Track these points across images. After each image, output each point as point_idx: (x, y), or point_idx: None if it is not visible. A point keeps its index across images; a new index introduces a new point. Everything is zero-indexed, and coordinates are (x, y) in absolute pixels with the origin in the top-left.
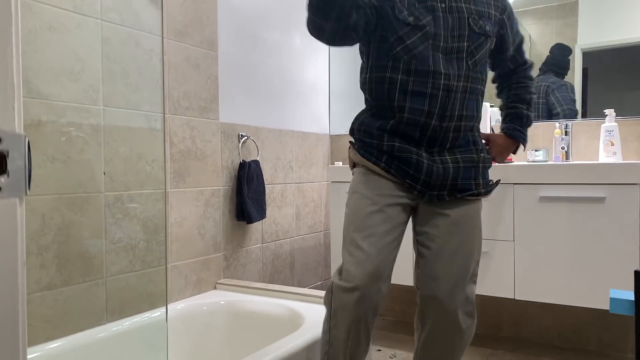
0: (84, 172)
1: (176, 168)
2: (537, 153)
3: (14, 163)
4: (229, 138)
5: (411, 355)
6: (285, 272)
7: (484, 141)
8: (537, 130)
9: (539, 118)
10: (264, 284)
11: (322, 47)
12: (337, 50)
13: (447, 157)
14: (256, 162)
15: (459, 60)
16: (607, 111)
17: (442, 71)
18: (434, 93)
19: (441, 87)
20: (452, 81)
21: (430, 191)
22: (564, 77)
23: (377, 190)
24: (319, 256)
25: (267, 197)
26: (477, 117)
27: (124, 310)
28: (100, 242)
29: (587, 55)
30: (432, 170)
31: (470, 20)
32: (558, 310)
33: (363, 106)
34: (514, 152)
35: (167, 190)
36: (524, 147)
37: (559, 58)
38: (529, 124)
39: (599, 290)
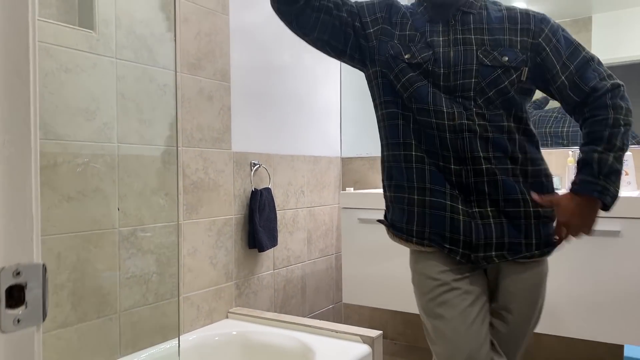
0: (99, 209)
1: (189, 200)
2: None
3: (32, 293)
4: (241, 167)
5: None
6: (296, 297)
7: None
8: (550, 157)
9: (550, 144)
10: (275, 314)
11: (334, 70)
12: (348, 72)
13: (489, 210)
14: (268, 190)
15: (466, 99)
16: None
17: (445, 110)
18: (441, 135)
19: (446, 128)
20: (458, 120)
21: (475, 253)
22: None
23: (434, 268)
24: (330, 279)
25: (278, 223)
26: (517, 158)
27: (137, 344)
28: (114, 277)
29: None
30: (470, 228)
31: (479, 53)
32: (573, 342)
33: (376, 128)
34: (594, 214)
35: (179, 222)
36: (605, 205)
37: None
38: (605, 171)
39: (614, 325)
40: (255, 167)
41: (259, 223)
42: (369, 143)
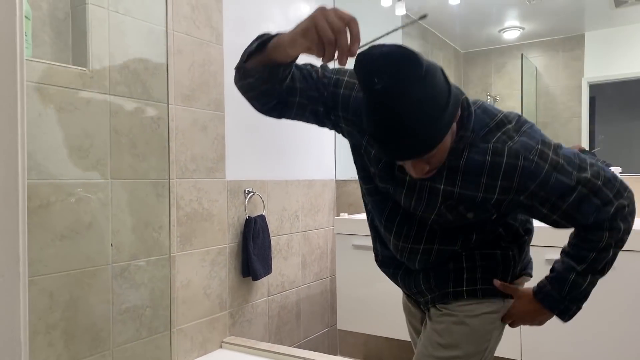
0: (92, 246)
1: (182, 231)
2: None
3: None
4: (235, 195)
5: None
6: (291, 323)
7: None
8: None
9: None
10: (269, 344)
11: None
12: None
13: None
14: (262, 217)
15: (422, 225)
16: (612, 169)
17: (385, 225)
18: (388, 241)
19: (390, 241)
20: (406, 243)
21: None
22: None
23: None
24: (325, 302)
25: (273, 249)
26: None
27: None
28: (107, 314)
29: (594, 88)
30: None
31: (442, 207)
32: None
33: None
34: (545, 319)
35: (172, 255)
36: (562, 319)
37: None
38: (574, 294)
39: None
40: (249, 195)
41: (253, 251)
42: None
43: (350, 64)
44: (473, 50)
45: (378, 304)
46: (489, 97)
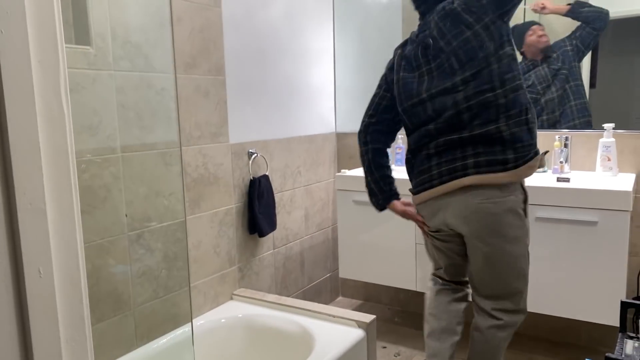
0: (108, 218)
1: (191, 196)
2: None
3: None
4: (239, 157)
5: (415, 352)
6: (296, 272)
7: None
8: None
9: (542, 125)
10: (276, 296)
11: (327, 46)
12: (342, 47)
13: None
14: (266, 177)
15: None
16: (605, 126)
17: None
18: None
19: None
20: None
21: None
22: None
23: None
24: (327, 250)
25: (277, 205)
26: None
27: (151, 334)
28: (126, 278)
29: None
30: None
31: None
32: (553, 319)
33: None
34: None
35: (185, 219)
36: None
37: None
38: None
39: (590, 305)
40: (253, 156)
41: (258, 210)
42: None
43: None
44: None
45: (377, 255)
46: None
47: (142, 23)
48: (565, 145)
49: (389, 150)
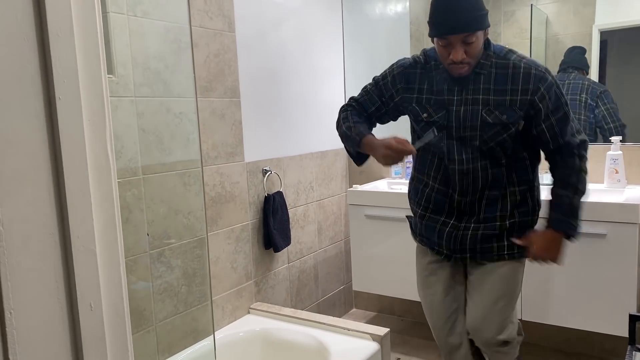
0: (131, 237)
1: (209, 214)
2: (544, 176)
3: None
4: (254, 174)
5: None
6: (310, 285)
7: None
8: None
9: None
10: (292, 310)
11: (337, 63)
12: (352, 64)
13: (472, 226)
14: (280, 194)
15: (473, 146)
16: (613, 139)
17: (455, 157)
18: (451, 175)
19: (456, 171)
20: (465, 165)
21: (454, 254)
22: (585, 73)
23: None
24: (340, 263)
25: (290, 220)
26: (504, 185)
27: (172, 348)
28: (148, 296)
29: (605, 35)
30: (450, 238)
31: (483, 112)
32: (563, 330)
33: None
34: (560, 246)
35: (203, 236)
36: (573, 237)
37: (576, 58)
38: (575, 211)
39: (601, 316)
40: (267, 174)
41: (273, 226)
42: (374, 132)
43: None
44: None
45: (390, 267)
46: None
47: (160, 50)
48: None
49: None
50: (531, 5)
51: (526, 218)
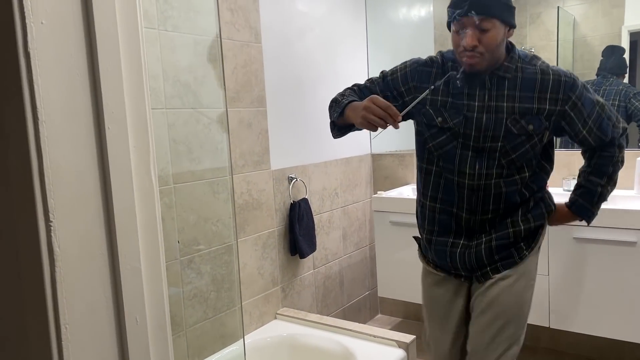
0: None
1: (237, 221)
2: (573, 182)
3: None
4: (280, 182)
5: None
6: (335, 290)
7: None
8: (574, 157)
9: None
10: (318, 316)
11: (361, 69)
12: (374, 69)
13: (484, 239)
14: (305, 200)
15: (491, 159)
16: None
17: (467, 171)
18: (457, 191)
19: (465, 185)
20: (477, 181)
21: (474, 273)
22: (624, 77)
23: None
24: (365, 269)
25: (316, 226)
26: (517, 206)
27: (202, 353)
28: (179, 301)
29: (635, 36)
30: (463, 258)
31: (508, 122)
32: (591, 338)
33: (406, 125)
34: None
35: (232, 243)
36: (588, 223)
37: (618, 63)
38: (602, 201)
39: (631, 324)
40: (293, 181)
41: (298, 232)
42: (398, 139)
43: None
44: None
45: (415, 274)
46: (523, 49)
47: (190, 63)
48: None
49: None
50: (558, 7)
51: (539, 222)
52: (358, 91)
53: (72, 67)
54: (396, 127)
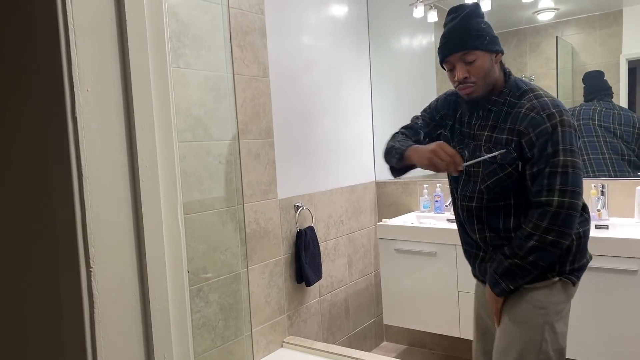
0: None
1: (245, 250)
2: None
3: None
4: (287, 210)
5: None
6: (341, 318)
7: None
8: None
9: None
10: (324, 344)
11: (365, 99)
12: (379, 99)
13: (487, 257)
14: (311, 229)
15: (475, 183)
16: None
17: (463, 193)
18: (462, 209)
19: (459, 205)
20: (467, 202)
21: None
22: (611, 97)
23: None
24: (370, 295)
25: (321, 254)
26: (504, 231)
27: None
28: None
29: (633, 63)
30: (480, 269)
31: (484, 150)
32: None
33: None
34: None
35: (240, 272)
36: (498, 294)
37: (599, 84)
38: (499, 271)
39: (632, 354)
40: (299, 210)
41: (305, 260)
42: None
43: None
44: (506, 30)
45: (420, 302)
46: (523, 78)
47: (201, 97)
48: (602, 194)
49: None
50: (556, 37)
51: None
52: (408, 132)
53: (111, 129)
54: (456, 174)
